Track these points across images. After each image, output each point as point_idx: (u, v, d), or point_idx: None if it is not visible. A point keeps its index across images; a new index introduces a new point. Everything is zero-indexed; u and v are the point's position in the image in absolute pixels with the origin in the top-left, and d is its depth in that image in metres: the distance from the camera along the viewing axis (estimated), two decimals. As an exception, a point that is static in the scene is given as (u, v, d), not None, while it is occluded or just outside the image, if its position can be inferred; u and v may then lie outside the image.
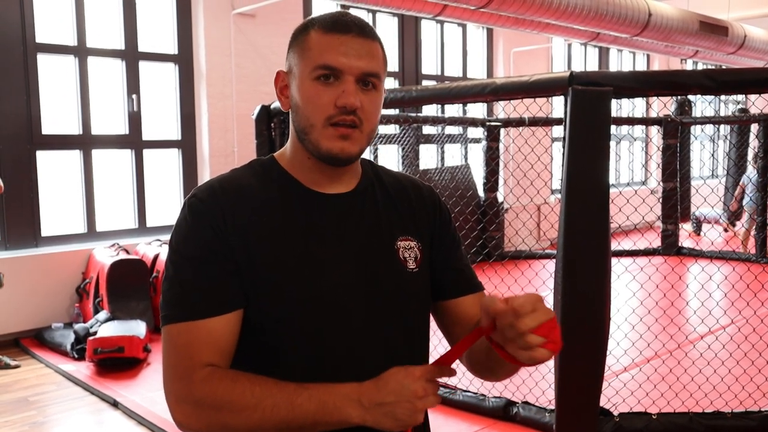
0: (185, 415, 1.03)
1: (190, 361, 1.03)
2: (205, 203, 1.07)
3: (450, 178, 7.78)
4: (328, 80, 1.06)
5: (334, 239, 1.11)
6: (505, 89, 3.40)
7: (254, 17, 6.48)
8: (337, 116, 1.05)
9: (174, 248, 1.07)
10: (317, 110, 1.06)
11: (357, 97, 1.05)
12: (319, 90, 1.06)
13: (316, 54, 1.06)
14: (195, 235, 1.06)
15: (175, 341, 1.04)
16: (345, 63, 1.05)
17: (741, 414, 3.31)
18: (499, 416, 3.52)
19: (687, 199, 9.05)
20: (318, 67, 1.06)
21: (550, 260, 6.39)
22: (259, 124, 4.49)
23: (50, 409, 3.90)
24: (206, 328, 1.03)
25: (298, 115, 1.09)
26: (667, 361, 4.19)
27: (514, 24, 7.72)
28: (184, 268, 1.05)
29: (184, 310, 1.04)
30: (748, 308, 4.62)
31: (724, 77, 3.16)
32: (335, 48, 1.05)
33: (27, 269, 5.23)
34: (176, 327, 1.04)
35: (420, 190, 1.25)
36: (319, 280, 1.07)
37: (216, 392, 1.00)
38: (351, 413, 0.98)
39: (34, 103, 5.43)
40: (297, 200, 1.12)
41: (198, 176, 6.41)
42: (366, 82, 1.07)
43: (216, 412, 1.00)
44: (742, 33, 9.88)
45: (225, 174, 1.15)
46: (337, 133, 1.06)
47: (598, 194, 3.09)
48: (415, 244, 1.17)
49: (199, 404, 1.01)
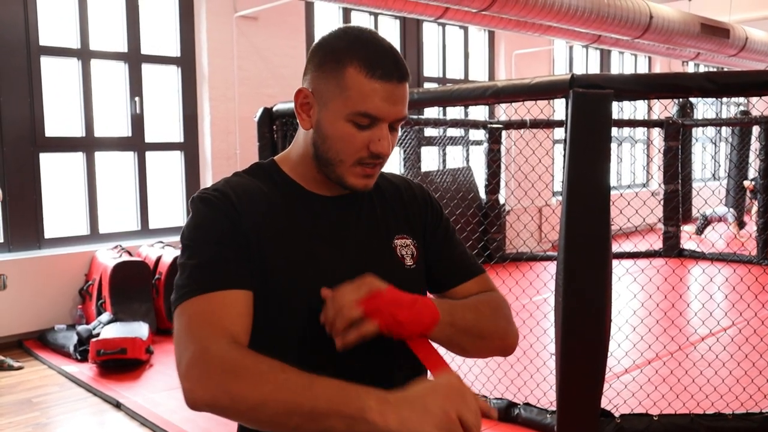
0: (194, 379, 0.95)
1: (209, 326, 0.99)
2: (213, 195, 1.10)
3: (451, 180, 7.79)
4: (364, 125, 1.08)
5: (335, 240, 1.15)
6: (507, 92, 3.42)
7: (256, 20, 6.50)
8: (368, 159, 1.10)
9: (187, 236, 1.08)
10: (349, 151, 1.10)
11: (390, 143, 1.10)
12: (354, 132, 1.09)
13: (357, 97, 1.07)
14: (209, 222, 1.08)
15: (190, 314, 1.01)
16: (386, 112, 1.08)
17: (742, 415, 3.32)
18: (501, 417, 3.52)
19: (688, 201, 9.06)
20: (359, 114, 1.07)
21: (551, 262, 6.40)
22: (262, 127, 4.50)
23: (53, 411, 3.92)
24: (222, 298, 1.02)
25: (325, 145, 1.11)
26: (668, 362, 4.20)
27: (516, 26, 7.74)
28: (198, 252, 1.06)
29: (199, 285, 1.02)
30: (749, 310, 4.63)
31: (726, 80, 3.17)
32: (378, 96, 1.07)
33: (30, 271, 5.25)
34: (190, 302, 1.02)
35: (411, 189, 1.30)
36: (323, 280, 1.10)
37: (230, 356, 0.96)
38: (372, 405, 0.89)
39: (38, 105, 5.45)
40: (299, 203, 1.16)
41: (200, 178, 6.43)
42: (394, 126, 1.12)
43: (226, 376, 0.93)
44: (744, 35, 9.89)
45: (228, 177, 1.17)
46: (364, 172, 1.12)
47: (599, 196, 3.10)
48: (411, 242, 1.23)
49: (210, 367, 0.95)
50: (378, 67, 1.06)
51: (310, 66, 1.13)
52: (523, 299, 4.62)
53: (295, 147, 1.19)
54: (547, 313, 4.87)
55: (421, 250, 1.24)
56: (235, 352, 0.97)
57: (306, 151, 1.16)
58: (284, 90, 6.48)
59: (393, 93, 1.07)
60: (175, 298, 1.04)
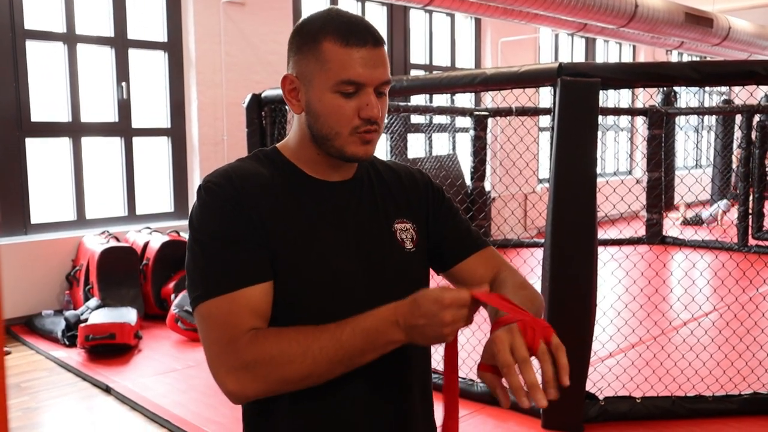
0: (239, 381, 1.04)
1: (234, 329, 1.05)
2: (219, 183, 1.12)
3: (438, 167, 7.83)
4: (349, 93, 1.12)
5: (337, 224, 1.18)
6: (495, 80, 3.45)
7: (244, 5, 6.48)
8: (363, 126, 1.13)
9: (197, 229, 1.11)
10: (342, 122, 1.12)
11: (378, 106, 1.13)
12: (342, 102, 1.12)
13: (337, 68, 1.10)
14: (217, 214, 1.10)
15: (215, 315, 1.06)
16: (366, 77, 1.11)
17: (722, 397, 3.41)
18: (488, 401, 3.57)
19: (671, 188, 9.17)
20: (341, 83, 1.10)
21: (537, 248, 6.46)
22: (250, 113, 4.51)
23: (42, 395, 3.93)
24: (245, 297, 1.07)
25: (318, 122, 1.14)
26: (651, 346, 4.28)
27: (503, 14, 7.77)
28: (211, 247, 1.09)
29: (219, 284, 1.07)
30: (730, 295, 4.72)
31: (709, 69, 3.23)
32: (357, 62, 1.10)
33: (17, 256, 5.23)
34: (213, 302, 1.06)
35: (411, 174, 1.34)
36: (326, 263, 1.14)
37: (265, 349, 1.04)
38: (394, 332, 1.02)
39: (23, 90, 5.41)
40: (302, 188, 1.18)
41: (188, 164, 6.42)
42: (379, 90, 1.14)
43: (270, 367, 1.03)
44: (727, 25, 9.98)
45: (233, 163, 1.20)
46: (362, 139, 1.14)
47: (585, 183, 3.15)
48: (410, 226, 1.26)
49: (251, 366, 1.03)
50: (351, 35, 1.10)
51: (291, 53, 1.17)
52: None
53: (293, 134, 1.22)
54: (532, 299, 4.92)
55: (421, 233, 1.27)
56: (265, 341, 1.04)
57: (303, 135, 1.19)
58: (272, 76, 6.47)
59: (370, 57, 1.11)
60: (194, 296, 1.08)
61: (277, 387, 1.06)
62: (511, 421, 3.39)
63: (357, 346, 1.03)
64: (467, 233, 1.33)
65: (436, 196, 1.33)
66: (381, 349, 1.04)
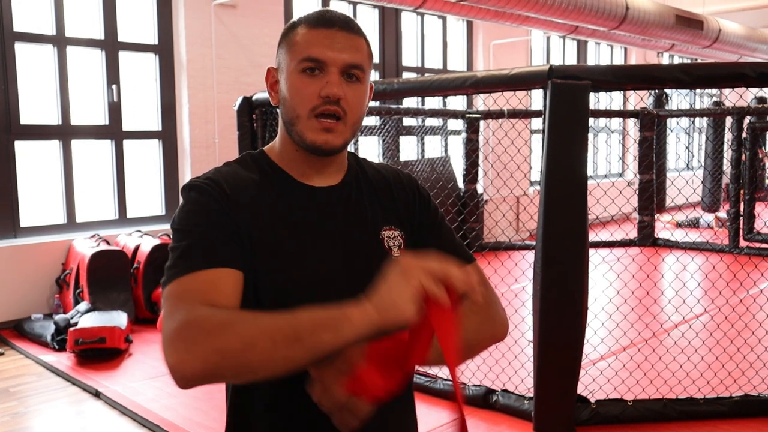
0: (177, 353, 0.93)
1: (192, 300, 0.98)
2: (207, 184, 1.11)
3: (430, 169, 7.82)
4: (314, 72, 1.10)
5: (323, 230, 1.16)
6: (486, 82, 3.45)
7: (235, 8, 6.46)
8: (321, 106, 1.10)
9: (177, 221, 1.08)
10: (302, 101, 1.11)
11: (341, 87, 1.10)
12: (305, 82, 1.10)
13: (303, 48, 1.11)
14: (199, 208, 1.08)
15: (175, 292, 1.00)
16: (329, 55, 1.10)
17: (713, 400, 3.41)
18: (479, 404, 3.57)
19: (663, 190, 9.19)
20: (303, 60, 1.10)
21: (529, 251, 6.47)
22: (241, 116, 4.49)
23: (31, 400, 3.90)
24: (208, 275, 1.01)
25: (285, 107, 1.14)
26: (642, 349, 4.28)
27: (494, 17, 7.78)
28: (188, 235, 1.06)
29: (187, 265, 1.02)
30: (721, 297, 4.73)
31: (699, 71, 3.23)
32: (320, 41, 1.10)
33: (6, 260, 5.20)
34: (177, 281, 1.01)
35: (400, 179, 1.31)
36: (310, 269, 1.12)
37: (210, 315, 0.94)
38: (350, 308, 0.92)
39: (12, 92, 5.38)
40: (288, 192, 1.17)
41: (179, 167, 6.40)
42: (350, 74, 1.12)
43: (210, 335, 0.92)
44: (717, 27, 10.03)
45: (219, 167, 1.18)
46: (321, 126, 1.11)
47: (576, 186, 3.15)
48: (398, 233, 1.23)
49: (193, 333, 0.93)
50: (321, 18, 1.12)
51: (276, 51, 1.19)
52: (501, 288, 4.67)
53: (279, 134, 1.21)
54: (525, 302, 4.93)
55: (408, 240, 1.25)
56: (215, 311, 0.96)
57: (282, 130, 1.18)
58: (263, 79, 6.24)
59: (336, 37, 1.10)
60: (163, 281, 1.05)
61: (215, 359, 0.91)
62: (503, 425, 3.39)
63: (305, 317, 0.91)
64: (453, 246, 1.30)
65: (423, 203, 1.30)
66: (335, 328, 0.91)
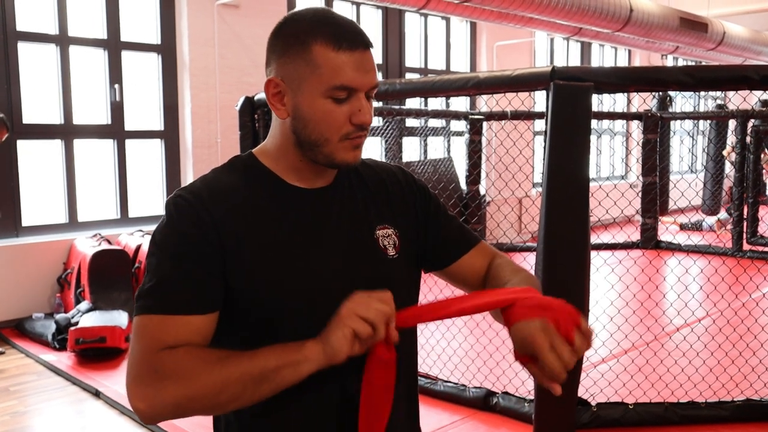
0: (144, 397, 0.99)
1: (157, 343, 1.01)
2: (189, 201, 1.08)
3: (433, 170, 7.82)
4: (342, 98, 1.08)
5: (317, 232, 1.14)
6: (488, 83, 3.43)
7: (238, 8, 6.46)
8: (354, 133, 1.10)
9: (156, 243, 1.07)
10: (333, 128, 1.09)
11: (371, 113, 1.11)
12: (334, 108, 1.08)
13: (330, 72, 1.06)
14: (178, 231, 1.06)
15: (145, 329, 1.02)
16: (359, 82, 1.08)
17: (715, 404, 3.40)
18: (479, 406, 3.56)
19: (666, 193, 9.17)
20: (334, 88, 1.07)
21: (530, 253, 6.45)
22: (243, 116, 4.48)
23: (31, 399, 3.89)
24: (181, 322, 1.03)
25: (308, 128, 1.10)
26: (644, 352, 4.26)
27: (498, 18, 7.76)
28: (164, 263, 1.05)
29: (161, 303, 1.03)
30: (723, 301, 4.72)
31: (703, 74, 3.21)
32: (349, 67, 1.07)
33: (7, 259, 5.20)
34: (149, 317, 1.03)
35: (394, 174, 1.30)
36: (306, 273, 1.10)
37: (175, 359, 0.99)
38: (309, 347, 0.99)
39: (15, 92, 5.38)
40: (280, 197, 1.14)
41: (181, 167, 6.39)
42: (369, 94, 1.12)
43: (174, 380, 0.98)
44: (722, 30, 10.00)
45: (206, 174, 1.15)
46: (352, 144, 1.11)
47: (578, 188, 3.13)
48: (392, 232, 1.22)
49: (158, 378, 0.99)
50: (343, 39, 1.07)
51: (272, 56, 1.12)
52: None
53: (272, 138, 1.17)
54: (526, 304, 4.90)
55: (404, 238, 1.23)
56: (179, 352, 1.00)
57: (285, 141, 1.14)
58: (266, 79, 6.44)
59: (362, 61, 1.08)
60: (136, 306, 1.05)
61: (184, 404, 0.99)
62: (503, 427, 3.37)
63: (271, 358, 0.99)
64: (459, 230, 1.31)
65: (422, 195, 1.30)
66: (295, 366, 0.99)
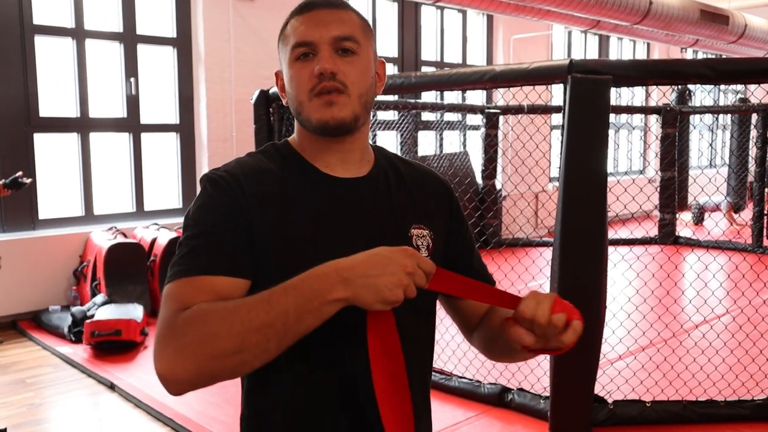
0: (168, 360, 0.93)
1: (179, 305, 0.96)
2: (224, 177, 1.08)
3: (448, 164, 7.78)
4: (307, 57, 1.09)
5: (346, 223, 1.12)
6: (505, 76, 3.40)
7: (253, 1, 6.44)
8: (318, 85, 1.08)
9: (190, 216, 1.07)
10: (301, 87, 1.09)
11: (332, 62, 1.08)
12: (300, 68, 1.09)
13: (292, 36, 1.11)
14: (212, 204, 1.06)
15: (173, 295, 0.99)
16: (315, 34, 1.08)
17: (734, 402, 3.34)
18: (494, 403, 3.54)
19: (685, 188, 9.06)
20: (294, 47, 1.09)
21: (547, 248, 6.40)
22: (258, 109, 4.48)
23: (47, 391, 3.92)
24: (208, 283, 1.00)
25: (291, 100, 1.13)
26: (662, 349, 4.21)
27: (515, 11, 7.70)
28: (196, 233, 1.04)
29: (190, 267, 1.01)
30: (744, 298, 4.65)
31: (724, 67, 3.16)
32: (304, 25, 1.09)
33: (24, 252, 5.23)
34: (175, 283, 1.00)
35: (436, 180, 1.28)
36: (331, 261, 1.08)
37: (194, 316, 0.94)
38: (329, 289, 0.92)
39: (32, 85, 5.41)
40: (313, 185, 1.13)
41: (196, 160, 6.40)
42: (344, 49, 1.09)
43: (196, 340, 0.92)
44: (743, 22, 9.85)
45: (241, 157, 1.15)
46: (322, 101, 1.08)
47: (596, 182, 3.09)
48: (427, 233, 1.19)
49: (179, 339, 0.93)
50: (304, 6, 1.12)
51: None
52: (518, 285, 4.61)
53: (295, 130, 1.19)
54: (542, 299, 4.87)
55: (438, 242, 1.20)
56: (197, 310, 0.95)
57: (297, 125, 1.17)
58: None
59: (319, 16, 1.09)
60: (167, 276, 1.03)
61: (208, 365, 0.92)
62: (518, 424, 3.34)
63: (289, 306, 0.91)
64: (478, 268, 1.28)
65: (459, 214, 1.27)
66: (318, 311, 0.93)
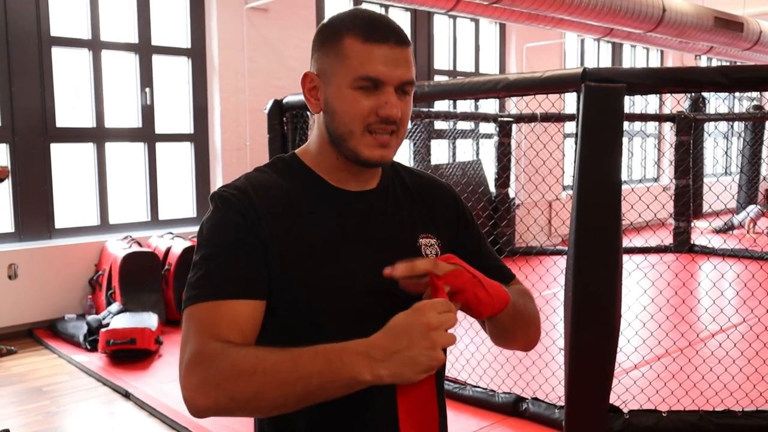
0: (193, 389, 0.97)
1: (208, 337, 1.00)
2: (234, 195, 1.09)
3: (461, 173, 7.77)
4: (369, 90, 1.07)
5: (358, 236, 1.13)
6: (518, 85, 3.39)
7: (267, 11, 6.49)
8: (376, 124, 1.07)
9: (203, 235, 1.08)
10: (357, 118, 1.08)
11: (399, 107, 1.08)
12: (360, 99, 1.07)
13: (356, 64, 1.06)
14: (225, 222, 1.07)
15: (195, 319, 1.02)
16: (386, 74, 1.06)
17: (752, 413, 3.30)
18: (509, 412, 3.52)
19: (699, 196, 9.00)
20: (360, 78, 1.06)
21: (560, 257, 6.38)
22: (272, 119, 4.50)
23: (63, 399, 3.95)
24: (229, 308, 1.02)
25: (335, 121, 1.10)
26: (677, 358, 4.18)
27: (527, 19, 7.69)
28: (211, 254, 1.06)
29: (209, 291, 1.03)
30: (761, 306, 4.60)
31: (739, 74, 3.13)
32: (376, 59, 1.06)
33: (41, 261, 5.28)
34: (198, 306, 1.03)
35: (441, 188, 1.28)
36: (347, 279, 1.09)
37: (222, 356, 0.96)
38: (361, 370, 0.91)
39: (49, 96, 5.47)
40: (322, 198, 1.14)
41: (210, 170, 6.44)
42: (403, 90, 1.09)
43: (219, 380, 0.95)
44: (758, 29, 9.79)
45: (249, 173, 1.16)
46: (377, 141, 1.09)
47: (610, 191, 3.08)
48: (435, 242, 1.20)
49: (204, 375, 0.96)
50: (374, 31, 1.07)
51: (313, 51, 1.14)
52: (533, 294, 4.61)
53: (313, 137, 1.18)
54: (556, 308, 4.84)
55: (445, 251, 1.20)
56: (227, 350, 0.98)
57: (322, 138, 1.14)
58: (295, 82, 6.42)
59: (392, 55, 1.07)
60: (185, 298, 1.05)
61: (226, 404, 0.95)
62: (532, 434, 3.33)
63: (314, 370, 0.92)
64: (496, 263, 1.28)
65: (465, 218, 1.27)
66: (344, 387, 0.93)
